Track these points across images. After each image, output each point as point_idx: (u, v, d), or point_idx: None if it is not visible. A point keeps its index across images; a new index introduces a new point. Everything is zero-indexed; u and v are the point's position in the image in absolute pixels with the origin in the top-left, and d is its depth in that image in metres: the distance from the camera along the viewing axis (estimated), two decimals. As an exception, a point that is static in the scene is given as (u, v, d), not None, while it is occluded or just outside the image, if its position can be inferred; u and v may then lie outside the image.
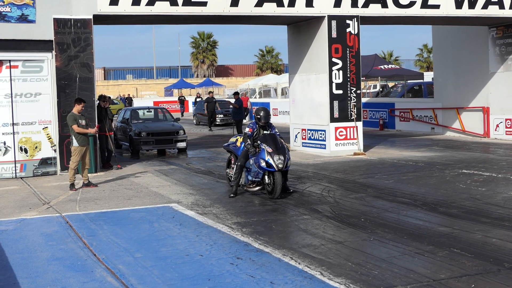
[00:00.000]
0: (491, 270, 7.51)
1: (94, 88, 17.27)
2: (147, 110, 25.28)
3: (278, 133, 13.24)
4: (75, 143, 14.40)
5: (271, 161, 12.44)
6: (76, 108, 14.71)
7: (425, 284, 7.08)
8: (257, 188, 13.00)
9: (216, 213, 11.32)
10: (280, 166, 12.44)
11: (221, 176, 15.74)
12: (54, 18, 16.72)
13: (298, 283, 7.19)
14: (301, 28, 21.11)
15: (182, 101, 55.03)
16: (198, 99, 50.27)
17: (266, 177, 12.72)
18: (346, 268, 7.74)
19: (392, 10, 20.32)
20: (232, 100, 33.30)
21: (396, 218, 10.59)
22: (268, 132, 13.09)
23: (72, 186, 14.28)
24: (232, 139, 14.48)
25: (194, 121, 40.48)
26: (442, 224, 10.02)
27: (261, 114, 13.10)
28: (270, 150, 12.54)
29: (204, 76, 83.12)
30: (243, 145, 13.36)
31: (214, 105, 34.01)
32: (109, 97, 21.64)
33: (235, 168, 13.21)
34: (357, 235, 9.48)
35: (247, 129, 13.18)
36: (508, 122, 23.22)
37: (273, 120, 36.83)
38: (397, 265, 7.79)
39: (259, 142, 12.81)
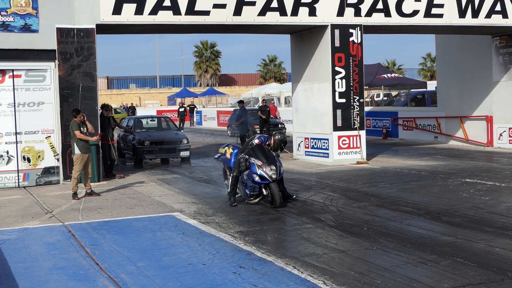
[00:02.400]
0: (495, 279, 7.47)
1: (97, 97, 17.28)
2: (151, 119, 25.29)
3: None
4: (76, 151, 14.40)
5: (263, 173, 12.41)
6: (76, 120, 14.71)
7: (428, 293, 7.06)
8: (257, 199, 12.97)
9: (218, 222, 11.31)
10: (274, 176, 12.41)
11: (223, 185, 15.72)
12: (57, 28, 16.76)
13: (300, 293, 7.18)
14: (304, 37, 21.14)
15: (191, 110, 53.37)
16: (181, 109, 48.35)
17: (263, 189, 12.70)
18: (349, 277, 7.72)
19: (395, 19, 20.35)
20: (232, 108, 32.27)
21: (399, 227, 10.57)
22: (255, 143, 13.05)
23: (74, 195, 14.29)
24: (221, 150, 14.47)
25: (229, 132, 37.22)
26: (445, 233, 9.99)
27: (277, 136, 13.26)
28: (259, 163, 12.50)
29: (207, 85, 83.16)
30: (233, 157, 13.40)
31: (268, 114, 30.14)
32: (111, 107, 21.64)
33: (230, 179, 13.17)
34: (360, 244, 9.45)
35: (256, 141, 13.13)
36: (512, 131, 23.21)
37: (276, 129, 36.66)
38: (400, 274, 7.76)
39: (246, 156, 12.79)
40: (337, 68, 19.84)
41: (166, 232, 10.58)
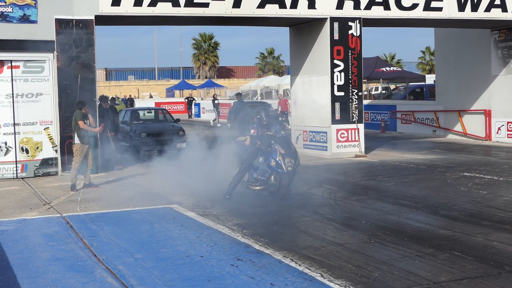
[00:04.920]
0: (492, 273, 7.49)
1: (95, 88, 17.25)
2: (148, 111, 25.24)
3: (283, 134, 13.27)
4: (77, 140, 14.39)
5: (281, 162, 12.43)
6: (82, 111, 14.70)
7: (425, 286, 7.07)
8: (260, 187, 12.94)
9: (216, 214, 11.31)
10: (289, 169, 12.42)
11: (221, 178, 15.68)
12: (56, 19, 16.71)
13: (298, 285, 7.18)
14: (303, 30, 21.10)
15: (190, 102, 52.75)
16: (215, 101, 44.98)
17: (272, 177, 12.69)
18: (346, 270, 7.73)
19: (394, 13, 20.32)
20: (231, 102, 31.61)
21: (397, 220, 10.58)
22: (281, 135, 13.04)
23: (73, 186, 14.28)
24: (241, 138, 14.53)
25: (229, 125, 34.42)
26: (443, 227, 10.00)
27: (262, 113, 13.11)
28: (283, 151, 12.53)
29: (206, 77, 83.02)
30: (251, 146, 13.34)
31: None
32: (112, 98, 21.62)
33: (239, 170, 13.15)
34: (358, 237, 9.46)
35: (252, 131, 13.18)
36: (510, 125, 23.20)
37: (275, 121, 36.38)
38: (397, 267, 7.78)
39: (273, 142, 12.79)
40: (336, 61, 19.82)
41: (164, 224, 10.58)
